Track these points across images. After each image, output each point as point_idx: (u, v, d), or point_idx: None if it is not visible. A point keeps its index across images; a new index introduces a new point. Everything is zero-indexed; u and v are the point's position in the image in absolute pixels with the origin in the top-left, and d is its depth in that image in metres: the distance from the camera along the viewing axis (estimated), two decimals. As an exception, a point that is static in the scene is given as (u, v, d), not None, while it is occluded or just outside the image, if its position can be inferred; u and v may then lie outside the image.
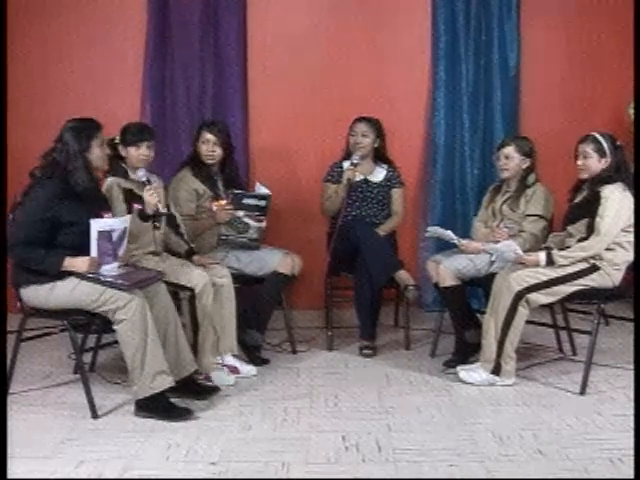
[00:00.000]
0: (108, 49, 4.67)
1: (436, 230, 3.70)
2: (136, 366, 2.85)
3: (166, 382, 2.89)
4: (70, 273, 2.90)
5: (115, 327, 2.87)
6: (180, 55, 4.64)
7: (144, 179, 3.27)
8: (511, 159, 3.63)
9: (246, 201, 3.77)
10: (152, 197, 3.23)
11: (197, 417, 2.89)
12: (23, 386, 3.24)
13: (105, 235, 2.93)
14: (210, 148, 3.73)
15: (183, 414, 2.89)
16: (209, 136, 3.72)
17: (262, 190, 3.85)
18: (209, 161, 3.76)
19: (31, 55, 4.63)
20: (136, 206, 3.28)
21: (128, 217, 3.12)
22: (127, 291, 2.85)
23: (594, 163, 3.28)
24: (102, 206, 3.09)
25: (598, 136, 3.31)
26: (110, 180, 3.32)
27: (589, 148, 3.29)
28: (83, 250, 2.89)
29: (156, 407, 2.87)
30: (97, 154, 3.02)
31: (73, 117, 3.06)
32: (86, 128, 3.01)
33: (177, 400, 2.98)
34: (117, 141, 3.36)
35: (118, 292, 2.85)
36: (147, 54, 4.61)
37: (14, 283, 3.01)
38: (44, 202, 2.90)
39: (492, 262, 3.48)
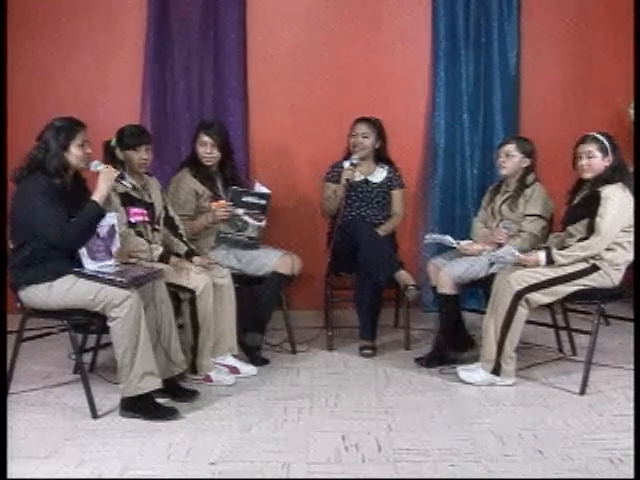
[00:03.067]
0: (107, 49, 4.68)
1: (435, 237, 3.71)
2: (126, 364, 2.85)
3: (154, 383, 2.89)
4: (68, 271, 2.90)
5: (109, 324, 2.87)
6: (180, 55, 4.64)
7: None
8: (511, 157, 3.63)
9: (246, 199, 3.76)
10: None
11: (182, 417, 2.88)
12: (23, 386, 3.24)
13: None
14: (207, 150, 3.73)
15: (168, 415, 2.88)
16: (206, 138, 3.71)
17: (262, 189, 3.84)
18: (207, 163, 3.75)
19: (29, 55, 4.63)
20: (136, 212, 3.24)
21: (114, 214, 3.11)
22: (125, 288, 2.85)
23: (599, 162, 3.27)
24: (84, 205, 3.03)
25: (598, 135, 3.31)
26: None
27: (592, 147, 3.28)
28: (59, 249, 2.91)
29: (141, 407, 2.87)
30: (75, 154, 2.96)
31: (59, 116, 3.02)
32: (67, 128, 2.96)
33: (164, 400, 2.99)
34: (113, 144, 3.34)
35: (114, 290, 2.85)
36: (147, 54, 4.61)
37: (12, 285, 3.01)
38: (40, 192, 2.86)
39: (492, 264, 3.47)
